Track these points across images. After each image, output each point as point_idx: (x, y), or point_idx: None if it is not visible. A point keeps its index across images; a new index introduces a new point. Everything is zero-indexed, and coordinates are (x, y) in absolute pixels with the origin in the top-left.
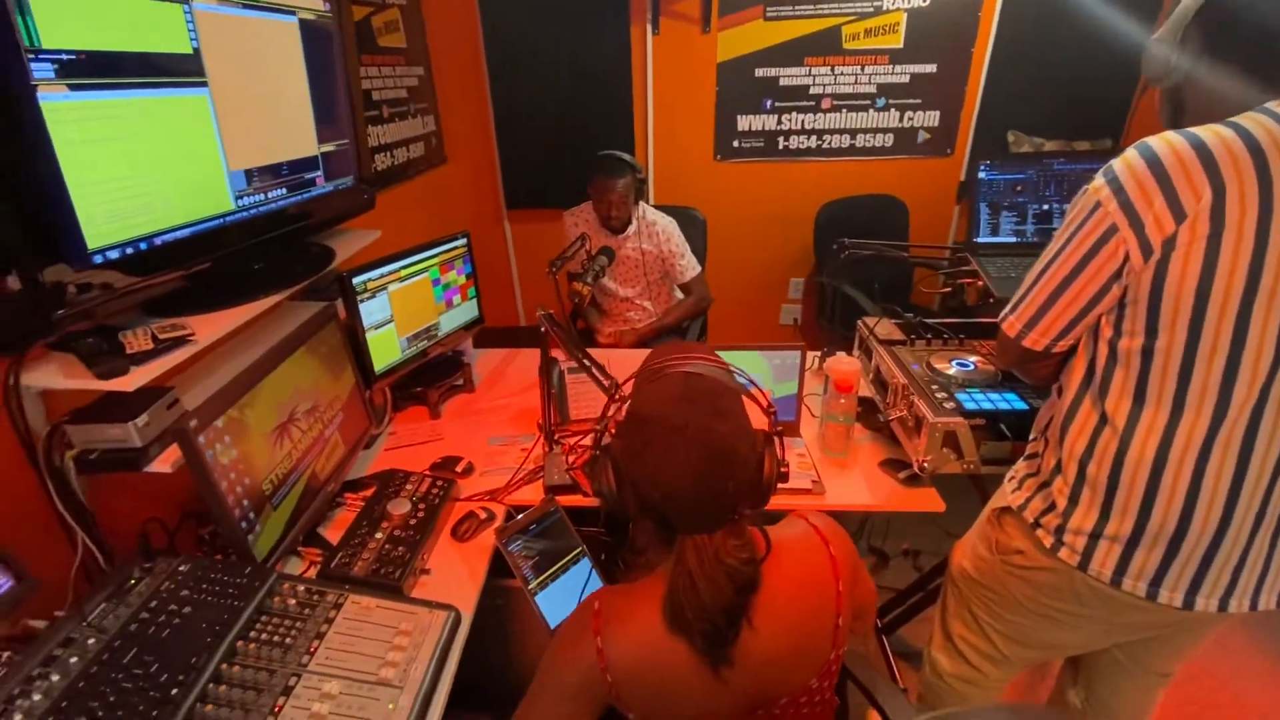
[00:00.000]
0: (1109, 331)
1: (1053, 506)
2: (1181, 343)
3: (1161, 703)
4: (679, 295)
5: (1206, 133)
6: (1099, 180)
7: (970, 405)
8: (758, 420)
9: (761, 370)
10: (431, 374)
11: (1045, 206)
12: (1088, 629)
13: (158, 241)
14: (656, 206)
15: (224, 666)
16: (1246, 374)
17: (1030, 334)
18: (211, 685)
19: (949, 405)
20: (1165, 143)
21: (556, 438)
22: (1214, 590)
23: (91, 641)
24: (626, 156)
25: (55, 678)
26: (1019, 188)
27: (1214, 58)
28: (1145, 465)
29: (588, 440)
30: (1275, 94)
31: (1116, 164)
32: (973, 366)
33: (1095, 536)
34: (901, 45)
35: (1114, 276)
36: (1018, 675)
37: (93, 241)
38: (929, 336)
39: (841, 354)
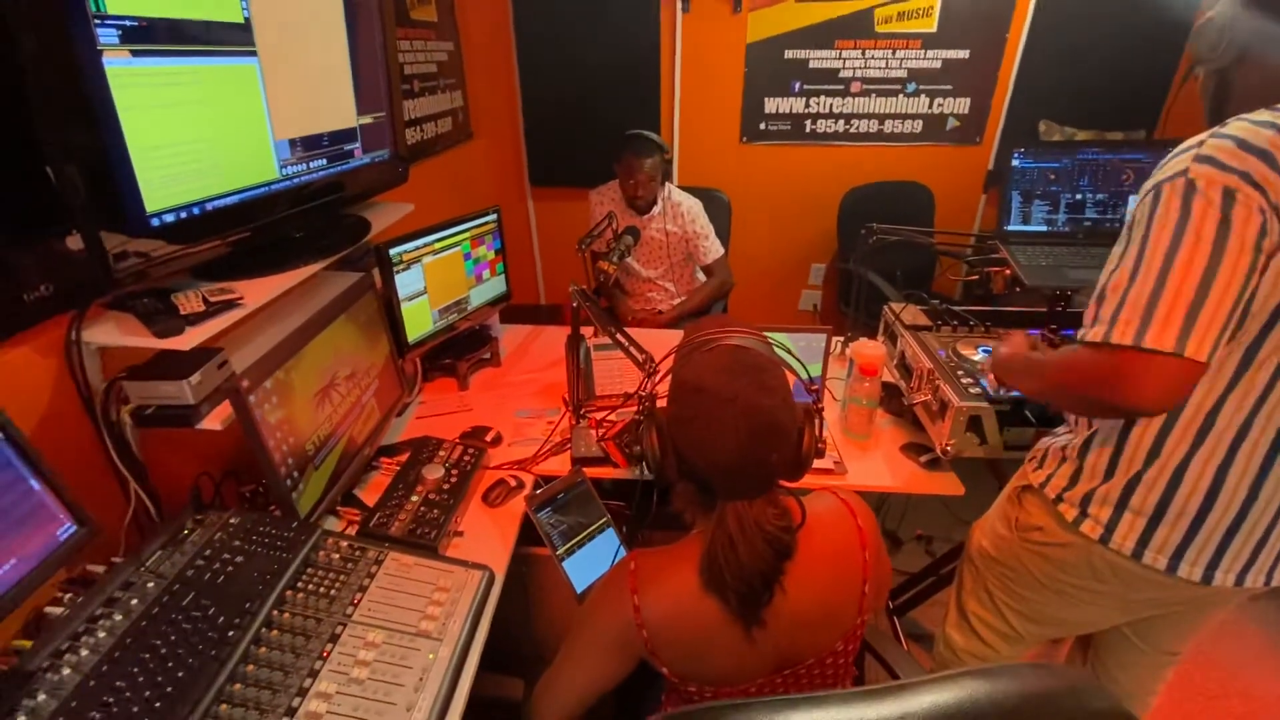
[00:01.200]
0: None
1: (1077, 481)
2: (1258, 326)
3: (1171, 693)
4: (701, 277)
5: (1264, 114)
6: (1207, 169)
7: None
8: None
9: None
10: (459, 347)
11: (1078, 196)
12: (1102, 606)
13: (209, 207)
14: (681, 187)
15: (275, 613)
16: None
17: (1189, 343)
18: (264, 629)
19: (974, 390)
20: (1236, 128)
21: (583, 412)
22: (1233, 565)
23: (150, 585)
24: (654, 136)
25: (118, 617)
26: (1053, 176)
27: (1264, 41)
28: (1185, 443)
29: (614, 416)
30: None
31: (1209, 152)
32: None
33: (1120, 510)
34: (935, 30)
35: (1269, 256)
36: (1029, 653)
37: (151, 205)
38: (955, 323)
39: (866, 339)
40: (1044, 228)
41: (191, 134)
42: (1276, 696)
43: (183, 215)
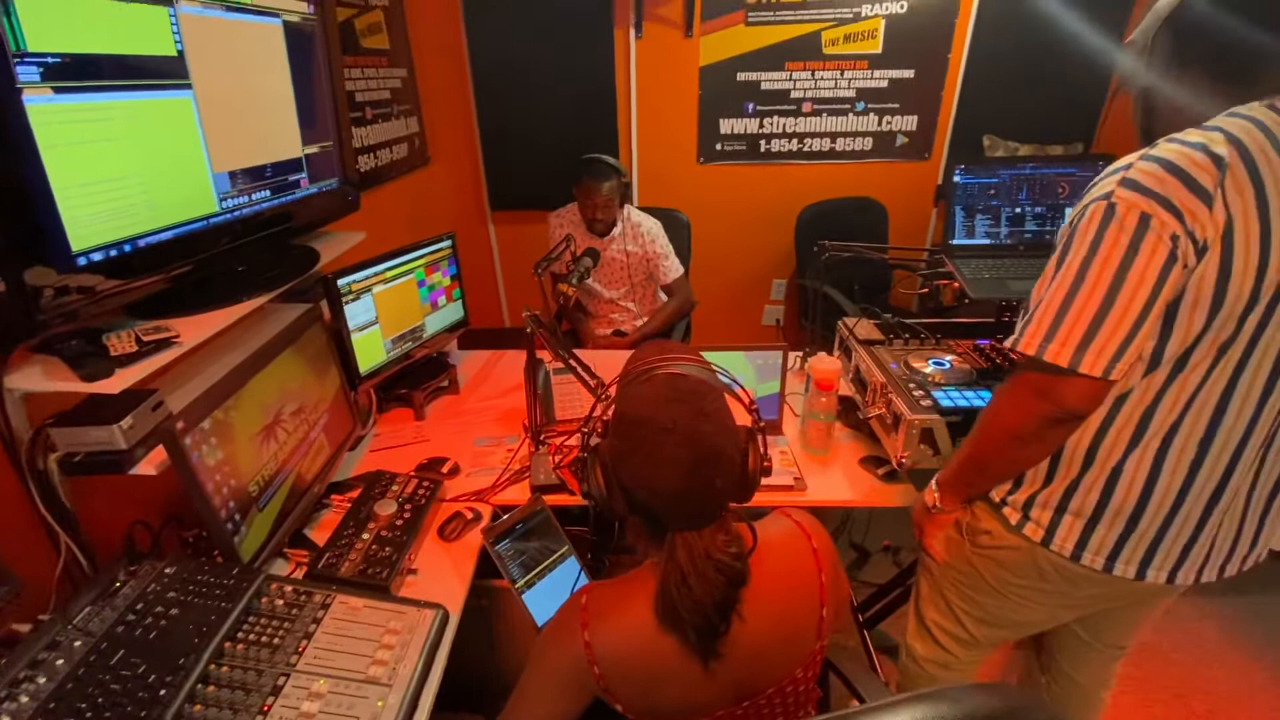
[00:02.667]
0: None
1: (1019, 486)
2: (1194, 335)
3: (1136, 693)
4: (663, 296)
5: (1194, 135)
6: (1129, 194)
7: (946, 402)
8: (740, 416)
9: (744, 370)
10: (416, 375)
11: (1018, 210)
12: (1049, 605)
13: (141, 244)
14: (641, 208)
15: (212, 667)
16: (1229, 363)
17: (1118, 366)
18: (200, 686)
19: (926, 403)
20: (1165, 150)
21: (542, 438)
22: (1164, 564)
23: (78, 644)
24: (612, 160)
25: (42, 680)
26: (993, 191)
27: (1181, 63)
28: (1120, 446)
29: (573, 440)
30: (1238, 99)
31: (1135, 175)
32: (949, 365)
33: (1060, 512)
34: (880, 51)
35: (1176, 285)
36: (988, 657)
37: (76, 244)
38: (906, 336)
39: (823, 354)
40: (987, 240)
41: (121, 170)
42: (1236, 692)
43: (112, 253)
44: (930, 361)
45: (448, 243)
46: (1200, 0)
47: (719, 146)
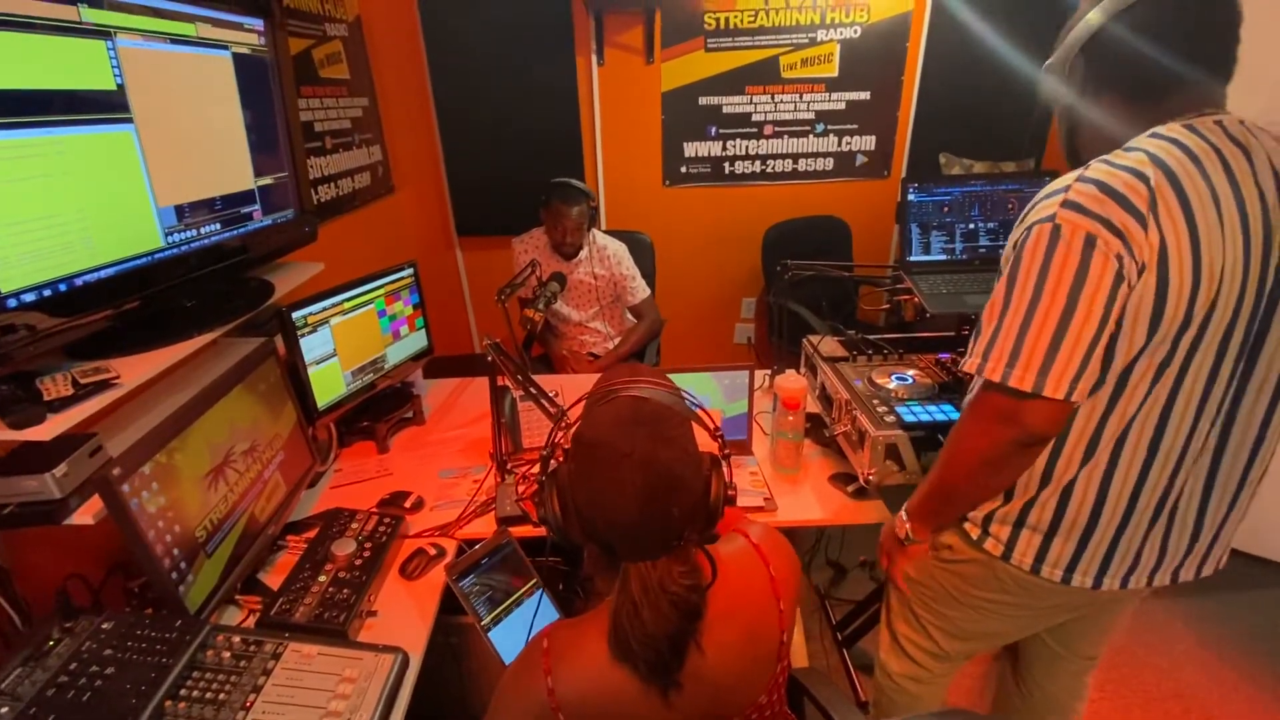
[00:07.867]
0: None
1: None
2: (1133, 355)
3: (1111, 698)
4: (630, 318)
5: (1122, 158)
6: (1072, 215)
7: (910, 418)
8: (705, 443)
9: (712, 391)
10: (380, 407)
11: (971, 225)
12: (1014, 616)
13: (79, 282)
14: (608, 232)
15: None
16: (1166, 382)
17: (1078, 387)
18: None
19: (890, 419)
20: (1099, 172)
21: (509, 467)
22: (1117, 571)
23: (4, 711)
24: (580, 184)
25: None
26: (946, 208)
27: (1098, 85)
28: (1074, 465)
29: (538, 469)
30: (1153, 119)
31: (1074, 197)
32: (911, 380)
33: (1018, 528)
34: (836, 74)
35: (1123, 304)
36: (962, 671)
37: (6, 284)
38: (870, 352)
39: (791, 372)
40: (943, 256)
41: (54, 207)
42: (1209, 693)
43: (46, 293)
44: (893, 377)
45: (409, 271)
46: (1113, 26)
47: (684, 169)
